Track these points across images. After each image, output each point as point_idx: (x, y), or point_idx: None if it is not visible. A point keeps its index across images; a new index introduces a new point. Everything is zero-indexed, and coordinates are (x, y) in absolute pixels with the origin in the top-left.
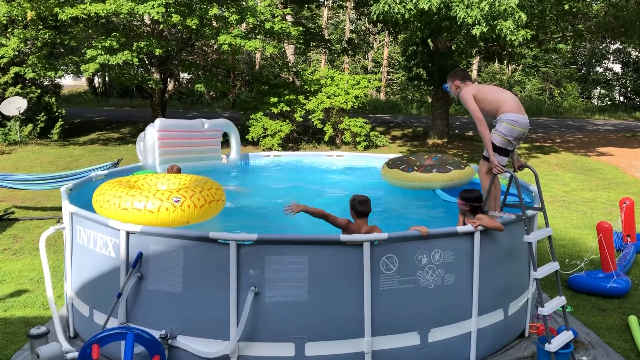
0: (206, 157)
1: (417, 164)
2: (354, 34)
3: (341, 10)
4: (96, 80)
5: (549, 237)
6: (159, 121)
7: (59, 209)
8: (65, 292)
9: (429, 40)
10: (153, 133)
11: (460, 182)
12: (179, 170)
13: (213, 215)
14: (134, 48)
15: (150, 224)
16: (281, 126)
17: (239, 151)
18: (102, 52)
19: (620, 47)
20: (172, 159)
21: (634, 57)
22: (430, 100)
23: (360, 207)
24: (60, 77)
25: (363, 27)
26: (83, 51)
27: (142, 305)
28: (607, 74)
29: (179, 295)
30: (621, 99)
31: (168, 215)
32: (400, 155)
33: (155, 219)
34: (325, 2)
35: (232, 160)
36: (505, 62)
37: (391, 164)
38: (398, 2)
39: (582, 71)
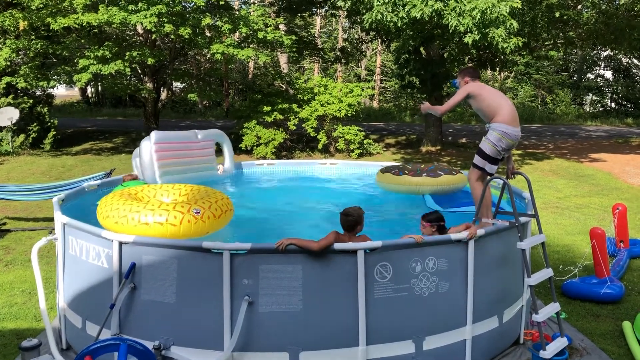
0: (203, 168)
1: (410, 169)
2: (346, 43)
3: (334, 19)
4: (89, 90)
5: (543, 243)
6: (154, 134)
7: (52, 219)
8: (57, 304)
9: (421, 48)
10: (149, 147)
11: (451, 188)
12: (136, 178)
13: (225, 224)
14: (126, 57)
15: (173, 236)
16: (275, 135)
17: (233, 160)
18: (95, 62)
19: (611, 53)
20: (172, 170)
21: (625, 63)
22: None
23: (344, 219)
24: (52, 87)
25: (356, 36)
26: (75, 61)
27: (135, 316)
28: (598, 80)
29: (173, 305)
30: (613, 105)
31: (190, 227)
32: (396, 163)
33: (178, 232)
34: (318, 11)
35: (227, 170)
36: (498, 69)
37: (385, 169)
38: (390, 11)
39: (574, 78)
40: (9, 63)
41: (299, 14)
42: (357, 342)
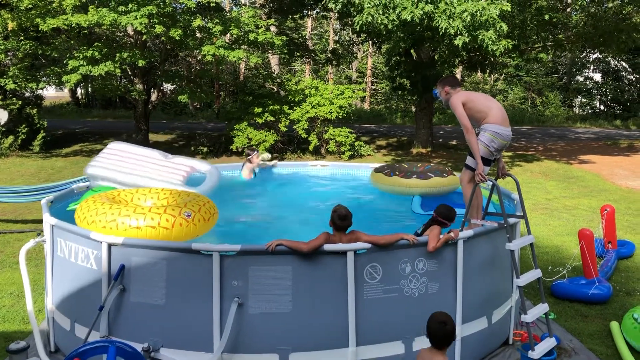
0: (158, 181)
1: (402, 169)
2: (337, 45)
3: (325, 21)
4: (79, 91)
5: (531, 244)
6: (111, 144)
7: (40, 221)
8: (46, 306)
9: (412, 51)
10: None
11: (441, 190)
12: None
13: (211, 228)
14: (116, 59)
15: (165, 240)
16: (266, 136)
17: (211, 186)
18: (84, 63)
19: (600, 56)
20: (102, 171)
21: (614, 66)
22: (414, 109)
23: (339, 222)
24: (42, 89)
25: (347, 38)
26: (65, 62)
27: (124, 318)
28: (587, 83)
29: (162, 307)
30: (602, 107)
31: (182, 230)
32: (392, 163)
33: (170, 235)
34: (309, 13)
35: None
36: (488, 71)
37: (378, 169)
38: (381, 13)
39: (564, 80)
40: None
41: (290, 16)
42: (347, 343)
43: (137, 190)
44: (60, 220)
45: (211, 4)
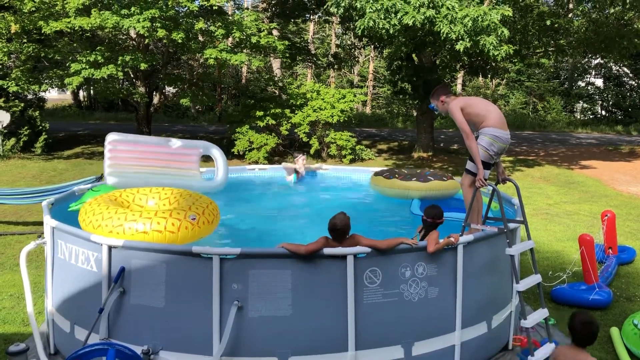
0: (176, 176)
1: (402, 173)
2: (339, 49)
3: (327, 25)
4: (81, 93)
5: (531, 249)
6: (109, 135)
7: (41, 223)
8: (46, 308)
9: (413, 55)
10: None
11: (440, 194)
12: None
13: (214, 229)
14: (119, 62)
15: (171, 243)
16: (267, 139)
17: (226, 173)
18: (87, 66)
19: (602, 61)
20: (124, 171)
21: (615, 71)
22: (415, 114)
23: (330, 232)
24: (44, 91)
25: (349, 42)
26: (67, 65)
27: (124, 321)
28: (589, 88)
29: (162, 310)
30: (603, 112)
31: (187, 234)
32: (392, 168)
33: (176, 239)
34: (311, 17)
35: (218, 182)
36: (489, 76)
37: (378, 173)
38: (382, 18)
39: (565, 85)
40: (0, 66)
41: (292, 20)
42: (346, 347)
43: (139, 191)
44: (61, 222)
45: (214, 8)
